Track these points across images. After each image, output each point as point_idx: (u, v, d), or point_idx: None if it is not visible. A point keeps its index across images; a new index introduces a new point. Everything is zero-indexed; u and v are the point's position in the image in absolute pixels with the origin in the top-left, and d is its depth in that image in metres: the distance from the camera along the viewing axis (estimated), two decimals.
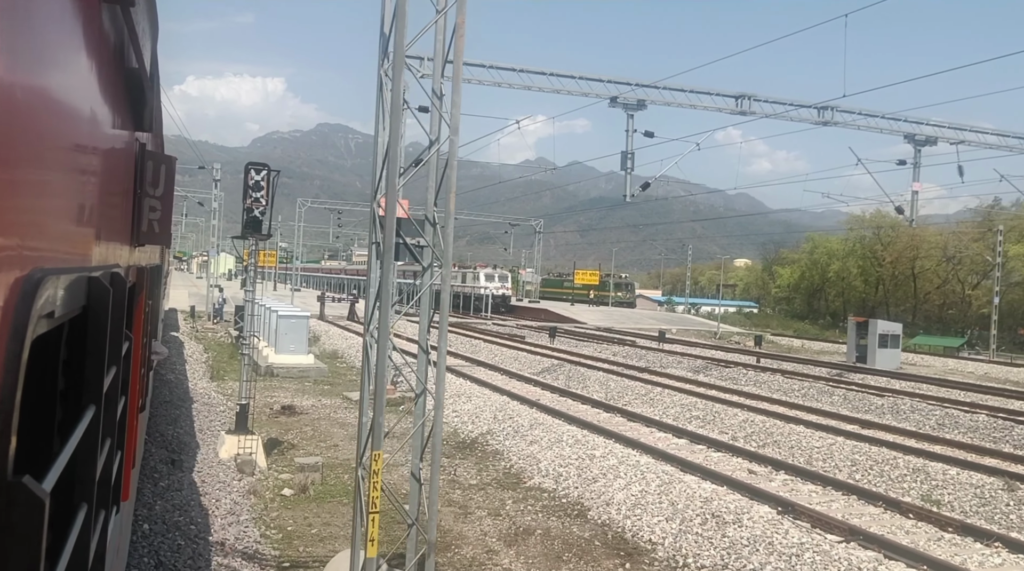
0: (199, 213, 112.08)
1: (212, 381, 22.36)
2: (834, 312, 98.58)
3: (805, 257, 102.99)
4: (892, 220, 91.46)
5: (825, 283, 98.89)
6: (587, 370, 25.94)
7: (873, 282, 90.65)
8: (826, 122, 23.81)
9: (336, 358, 30.09)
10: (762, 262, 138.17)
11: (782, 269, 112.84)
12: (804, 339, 57.15)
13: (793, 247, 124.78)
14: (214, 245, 39.53)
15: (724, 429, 17.56)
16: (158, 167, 4.57)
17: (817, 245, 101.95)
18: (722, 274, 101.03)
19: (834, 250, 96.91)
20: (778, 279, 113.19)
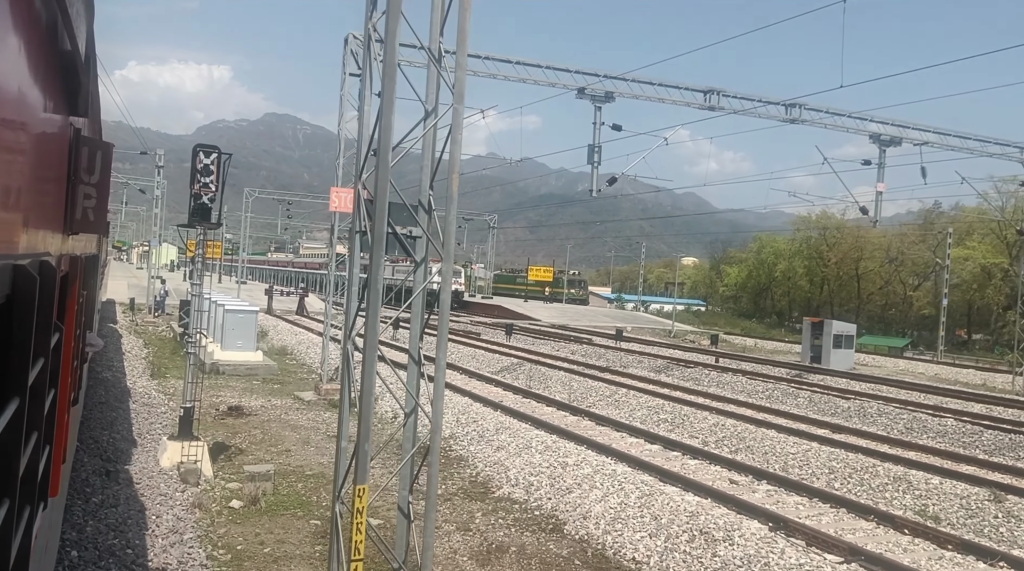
0: (140, 201, 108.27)
1: (152, 379, 20.99)
2: (780, 311, 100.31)
3: (752, 257, 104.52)
4: (838, 221, 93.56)
5: (772, 282, 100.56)
6: (548, 369, 25.23)
7: (818, 282, 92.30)
8: (793, 119, 23.51)
9: (285, 355, 28.82)
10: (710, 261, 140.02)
11: (730, 268, 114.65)
12: (754, 338, 57.55)
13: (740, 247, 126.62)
14: (156, 235, 37.68)
15: (694, 433, 17.01)
16: (94, 153, 4.40)
17: (764, 245, 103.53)
18: (676, 273, 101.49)
19: (781, 250, 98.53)
20: (726, 278, 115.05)
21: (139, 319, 36.05)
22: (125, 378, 19.43)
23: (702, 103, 22.84)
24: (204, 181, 12.31)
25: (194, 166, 12.39)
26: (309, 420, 17.51)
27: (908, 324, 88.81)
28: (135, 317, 36.10)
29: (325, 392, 19.61)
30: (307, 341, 31.39)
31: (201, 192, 12.29)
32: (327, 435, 16.17)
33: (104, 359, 21.69)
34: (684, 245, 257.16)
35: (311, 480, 12.98)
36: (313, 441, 15.61)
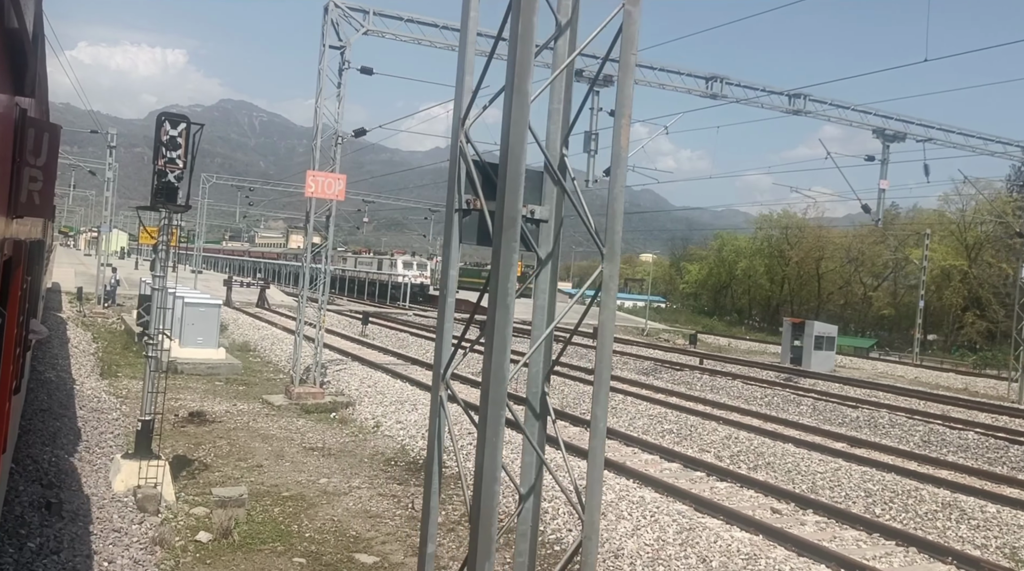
0: (88, 185, 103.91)
1: (102, 379, 18.93)
2: (740, 309, 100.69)
3: (713, 254, 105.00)
4: (799, 220, 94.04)
5: (732, 280, 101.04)
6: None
7: (779, 281, 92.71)
8: (797, 111, 22.30)
9: (248, 351, 26.80)
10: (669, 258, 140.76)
11: (690, 265, 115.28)
12: (725, 337, 56.85)
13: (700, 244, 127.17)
14: (107, 220, 35.15)
15: (705, 446, 15.64)
16: (40, 135, 4.33)
17: (725, 243, 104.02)
18: (652, 270, 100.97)
19: (741, 248, 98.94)
20: (686, 275, 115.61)
21: (87, 310, 33.56)
22: (71, 379, 17.36)
23: (704, 91, 21.49)
24: (170, 155, 10.47)
25: (158, 138, 10.54)
26: (280, 428, 15.71)
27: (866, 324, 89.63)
28: (83, 308, 33.60)
29: (297, 396, 17.80)
30: (271, 336, 29.38)
31: (166, 168, 10.45)
32: (302, 447, 14.41)
33: (47, 356, 19.54)
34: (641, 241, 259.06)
35: (289, 503, 11.25)
36: (287, 454, 13.85)
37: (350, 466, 13.36)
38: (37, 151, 4.27)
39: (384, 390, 18.62)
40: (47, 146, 4.36)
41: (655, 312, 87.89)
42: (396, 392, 18.28)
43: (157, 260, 10.94)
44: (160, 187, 10.45)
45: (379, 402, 17.61)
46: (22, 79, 3.35)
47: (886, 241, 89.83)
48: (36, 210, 4.27)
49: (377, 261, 68.32)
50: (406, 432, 15.17)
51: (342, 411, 17.54)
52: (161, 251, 10.87)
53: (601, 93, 20.16)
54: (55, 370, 17.71)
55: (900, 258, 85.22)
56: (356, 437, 15.29)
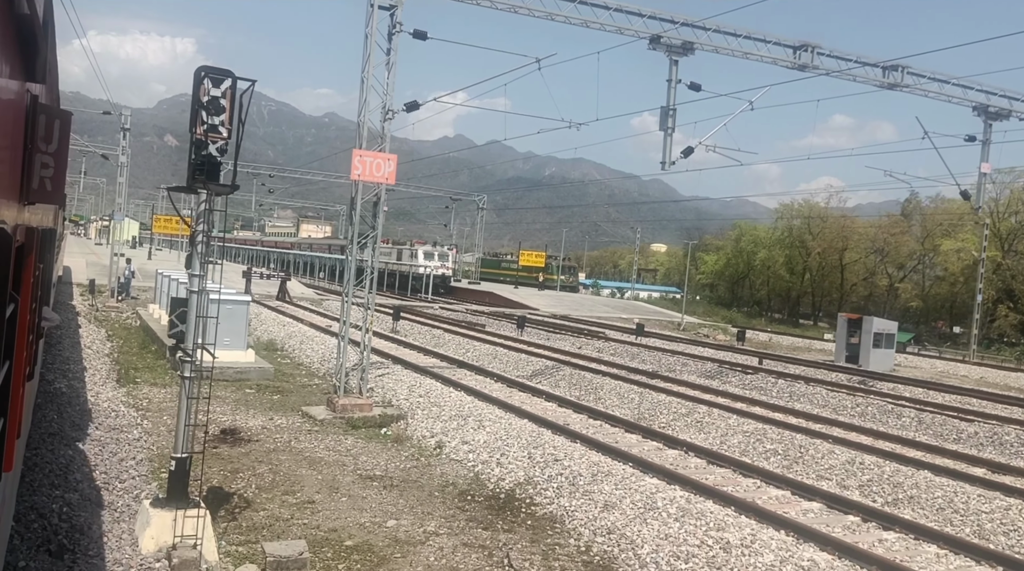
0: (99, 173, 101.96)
1: (119, 386, 16.72)
2: (759, 300, 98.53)
3: (730, 244, 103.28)
4: (821, 210, 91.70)
5: (750, 271, 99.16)
6: (591, 376, 21.39)
7: (799, 271, 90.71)
8: (892, 84, 19.84)
9: (275, 351, 24.58)
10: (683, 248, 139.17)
11: (706, 256, 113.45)
12: (759, 331, 54.38)
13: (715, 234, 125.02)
14: (120, 207, 32.95)
15: (824, 472, 13.33)
16: (51, 122, 4.36)
17: (743, 233, 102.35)
18: (666, 261, 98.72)
19: (761, 238, 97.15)
20: (702, 265, 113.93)
21: (100, 303, 31.43)
22: (84, 388, 15.15)
23: (791, 61, 19.05)
24: (211, 122, 8.19)
25: (196, 100, 8.26)
26: (328, 450, 13.47)
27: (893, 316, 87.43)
28: (95, 301, 31.46)
29: (341, 408, 15.55)
30: (298, 334, 27.16)
31: (207, 138, 8.17)
32: (358, 474, 12.18)
33: (58, 359, 17.36)
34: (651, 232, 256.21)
35: (356, 558, 9.02)
36: (342, 485, 11.61)
37: (419, 502, 11.11)
38: (48, 138, 4.31)
39: (439, 401, 16.35)
40: (58, 133, 4.38)
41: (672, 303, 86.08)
42: (453, 404, 15.99)
43: (195, 255, 8.65)
44: (199, 162, 8.17)
45: (436, 416, 15.34)
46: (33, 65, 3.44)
47: (910, 231, 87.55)
48: (47, 197, 4.34)
49: (397, 251, 66.08)
50: (476, 456, 12.88)
51: (394, 426, 15.30)
52: (200, 243, 8.58)
53: (681, 63, 17.77)
54: (66, 378, 15.50)
55: (928, 249, 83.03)
56: (418, 462, 13.03)
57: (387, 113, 15.90)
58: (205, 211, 8.44)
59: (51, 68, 5.16)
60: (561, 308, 51.79)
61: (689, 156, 18.14)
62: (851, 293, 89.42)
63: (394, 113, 15.82)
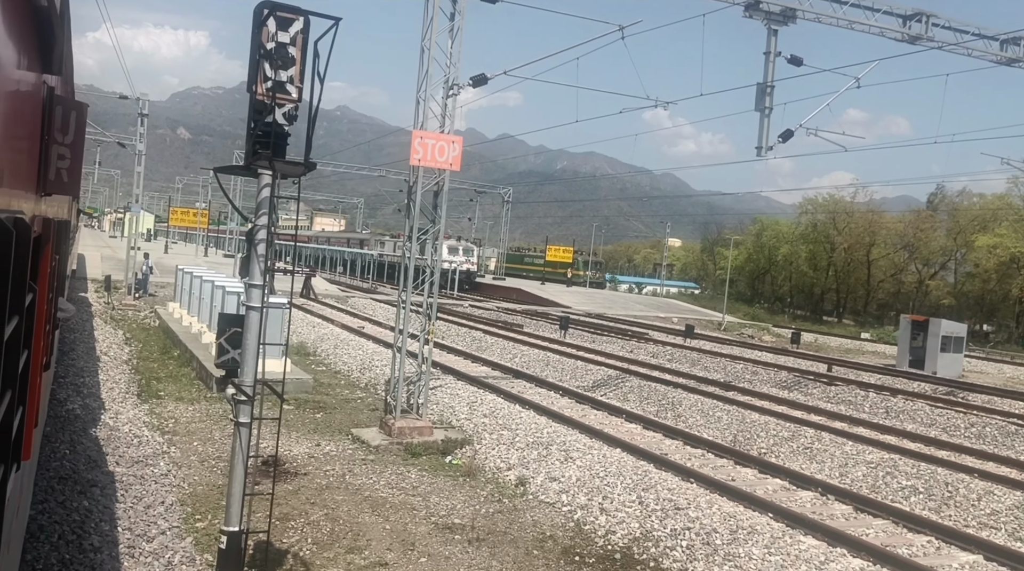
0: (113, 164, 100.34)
1: (141, 402, 14.59)
2: (781, 296, 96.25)
3: (751, 239, 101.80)
4: (846, 204, 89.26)
5: (772, 266, 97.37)
6: (662, 388, 19.14)
7: (823, 267, 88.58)
8: (1012, 60, 17.47)
9: (307, 356, 22.42)
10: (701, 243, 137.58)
11: (726, 250, 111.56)
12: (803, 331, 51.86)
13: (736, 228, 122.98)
14: (137, 198, 30.89)
15: (986, 519, 11.06)
16: (68, 113, 4.40)
17: (765, 227, 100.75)
18: (683, 256, 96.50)
19: (783, 233, 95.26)
20: (721, 261, 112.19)
21: (116, 301, 29.40)
22: (101, 409, 13.03)
23: (901, 32, 16.71)
24: (278, 78, 5.98)
25: (257, 48, 6.04)
26: (391, 487, 11.28)
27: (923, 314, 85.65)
28: (111, 299, 29.42)
29: (398, 432, 13.36)
30: (331, 337, 25.00)
31: (273, 101, 5.96)
32: (433, 523, 9.98)
33: (71, 370, 15.26)
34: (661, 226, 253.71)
35: None
36: (417, 539, 9.41)
37: (516, 563, 8.91)
38: (65, 129, 4.32)
39: (507, 422, 14.16)
40: (74, 124, 4.40)
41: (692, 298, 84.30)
42: (525, 426, 13.79)
43: (254, 259, 6.45)
44: (261, 132, 5.97)
45: (508, 442, 13.13)
46: (50, 57, 3.31)
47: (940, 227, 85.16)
48: (64, 188, 4.40)
49: (419, 245, 63.92)
50: (571, 499, 10.66)
51: (460, 454, 13.11)
52: (261, 243, 6.38)
53: (781, 33, 15.47)
54: (81, 395, 13.38)
55: (960, 244, 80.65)
56: (501, 504, 10.82)
57: (451, 88, 13.67)
58: (269, 199, 6.24)
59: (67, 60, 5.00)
60: (594, 306, 49.53)
61: (788, 140, 15.83)
62: (878, 290, 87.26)
63: (460, 88, 13.58)
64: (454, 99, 13.51)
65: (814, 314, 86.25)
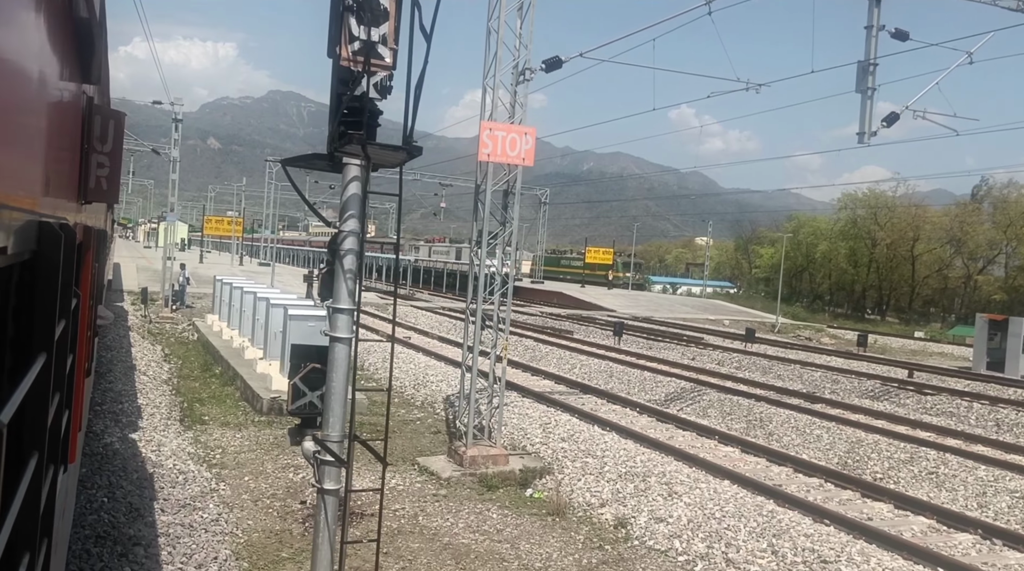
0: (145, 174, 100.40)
1: (184, 429, 13.27)
2: (819, 294, 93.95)
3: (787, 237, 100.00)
4: (888, 199, 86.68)
5: (810, 264, 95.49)
6: (744, 401, 17.47)
7: (864, 264, 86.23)
8: None
9: (361, 369, 20.97)
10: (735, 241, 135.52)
11: (761, 248, 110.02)
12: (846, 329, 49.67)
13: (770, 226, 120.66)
14: (172, 206, 29.85)
15: None
16: (106, 122, 4.47)
17: (802, 224, 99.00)
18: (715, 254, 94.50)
19: (821, 230, 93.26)
20: (756, 259, 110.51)
21: (154, 313, 28.33)
22: (142, 439, 11.72)
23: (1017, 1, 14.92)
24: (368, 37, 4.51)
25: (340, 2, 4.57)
26: (471, 530, 9.79)
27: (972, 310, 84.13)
28: (147, 312, 28.37)
29: (470, 461, 11.87)
30: (377, 348, 23.59)
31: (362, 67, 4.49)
32: None
33: (108, 396, 14.00)
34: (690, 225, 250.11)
35: None
36: None
37: None
38: (104, 138, 4.41)
39: (590, 447, 12.61)
40: (112, 133, 4.48)
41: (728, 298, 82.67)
42: (613, 452, 12.23)
43: (341, 276, 4.98)
44: (350, 109, 4.51)
45: (595, 471, 11.59)
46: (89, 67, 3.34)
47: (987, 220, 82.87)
48: (103, 195, 4.48)
49: (455, 250, 62.74)
50: (685, 544, 9.08)
51: (540, 485, 11.60)
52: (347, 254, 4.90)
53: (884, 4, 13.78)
54: (119, 425, 12.09)
55: (1011, 237, 78.16)
56: (602, 551, 9.27)
57: (521, 74, 12.17)
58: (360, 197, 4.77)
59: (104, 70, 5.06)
60: (639, 309, 47.77)
61: (893, 124, 14.10)
62: (923, 286, 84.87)
63: (532, 73, 12.08)
64: (526, 86, 12.01)
65: (855, 312, 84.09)
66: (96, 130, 4.32)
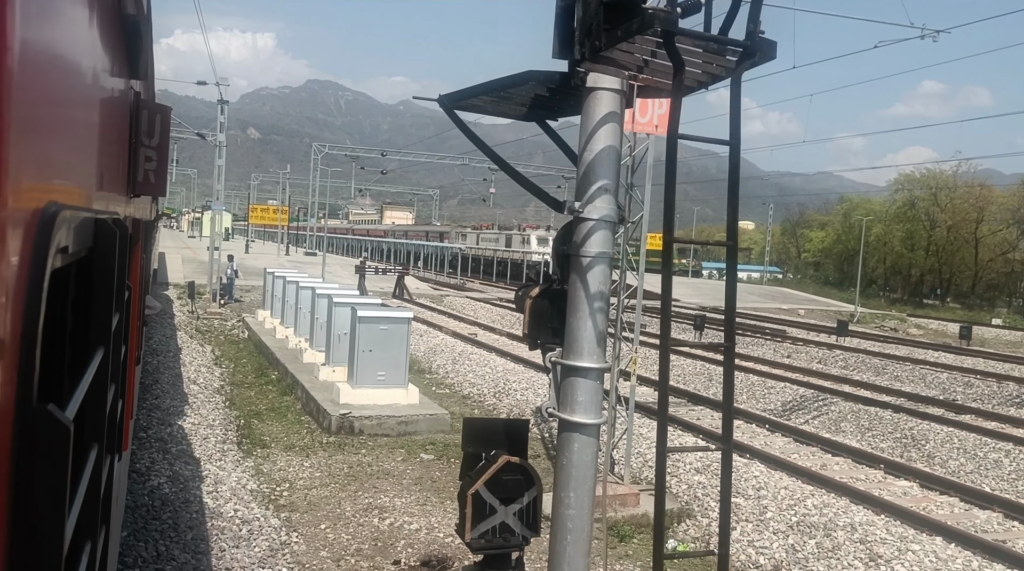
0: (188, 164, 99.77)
1: (244, 455, 11.20)
2: (874, 279, 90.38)
3: (838, 220, 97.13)
4: (948, 179, 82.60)
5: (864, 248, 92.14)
6: (881, 412, 14.93)
7: (922, 247, 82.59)
8: None
9: (421, 373, 18.79)
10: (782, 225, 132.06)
11: (810, 232, 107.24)
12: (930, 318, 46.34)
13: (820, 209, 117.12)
14: (217, 194, 27.98)
15: None
16: (153, 117, 4.55)
17: (855, 206, 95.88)
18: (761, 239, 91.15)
19: (875, 212, 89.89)
20: (806, 243, 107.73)
21: (201, 309, 26.54)
22: (196, 475, 9.64)
23: None
24: None
25: None
26: None
27: None
28: (195, 307, 26.58)
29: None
30: (444, 348, 21.45)
31: None
32: None
33: (154, 416, 11.99)
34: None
35: None
36: None
37: None
38: (151, 132, 4.52)
39: (735, 482, 10.22)
40: (159, 127, 4.60)
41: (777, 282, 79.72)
42: (771, 490, 9.85)
43: (579, 305, 2.69)
44: None
45: (752, 518, 9.25)
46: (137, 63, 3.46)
47: None
48: (151, 189, 4.61)
49: (505, 237, 60.39)
50: None
51: (680, 533, 9.29)
52: (591, 263, 2.61)
53: None
54: (168, 456, 10.03)
55: None
56: None
57: None
58: (616, 148, 2.48)
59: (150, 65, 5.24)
60: (702, 298, 45.01)
61: None
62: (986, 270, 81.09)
63: None
64: None
65: (912, 297, 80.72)
66: (144, 125, 4.39)
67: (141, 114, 4.35)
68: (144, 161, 4.43)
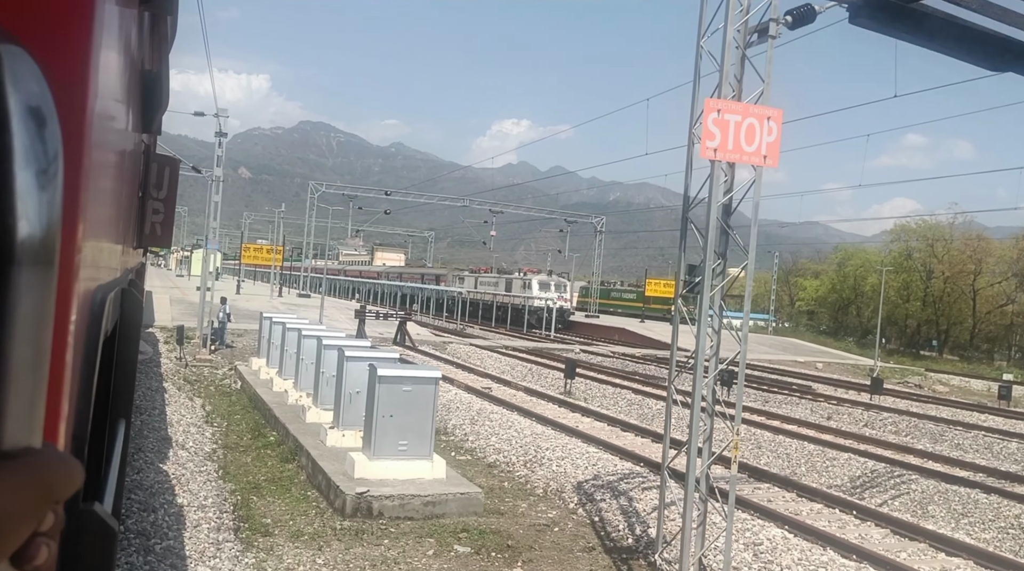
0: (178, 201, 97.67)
1: (243, 548, 9.15)
2: (869, 329, 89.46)
3: (833, 269, 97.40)
4: (944, 230, 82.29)
5: (857, 297, 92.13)
6: (975, 493, 13.06)
7: (918, 297, 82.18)
8: None
9: (438, 435, 16.76)
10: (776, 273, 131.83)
11: (804, 281, 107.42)
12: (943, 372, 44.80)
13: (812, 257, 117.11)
14: (213, 231, 26.11)
15: None
16: (163, 169, 4.53)
17: (849, 256, 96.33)
18: (756, 285, 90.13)
19: (871, 262, 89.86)
20: (799, 292, 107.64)
21: (190, 356, 24.42)
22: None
23: None
24: None
25: None
26: None
27: None
28: (183, 353, 24.45)
29: None
30: (459, 404, 19.46)
31: None
32: None
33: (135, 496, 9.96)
34: None
35: None
36: None
37: None
38: (159, 184, 4.48)
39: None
40: (168, 179, 4.57)
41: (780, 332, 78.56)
42: None
43: None
44: None
45: None
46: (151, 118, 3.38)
47: None
48: (158, 241, 4.64)
49: (504, 281, 58.69)
50: None
51: None
52: None
53: None
54: (149, 555, 7.99)
55: None
56: None
57: (752, 35, 8.13)
58: None
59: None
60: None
61: None
62: (984, 321, 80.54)
63: (778, 26, 7.99)
64: (768, 43, 7.93)
65: (908, 348, 79.84)
66: (153, 177, 4.36)
67: (151, 167, 4.31)
68: (151, 213, 4.35)
